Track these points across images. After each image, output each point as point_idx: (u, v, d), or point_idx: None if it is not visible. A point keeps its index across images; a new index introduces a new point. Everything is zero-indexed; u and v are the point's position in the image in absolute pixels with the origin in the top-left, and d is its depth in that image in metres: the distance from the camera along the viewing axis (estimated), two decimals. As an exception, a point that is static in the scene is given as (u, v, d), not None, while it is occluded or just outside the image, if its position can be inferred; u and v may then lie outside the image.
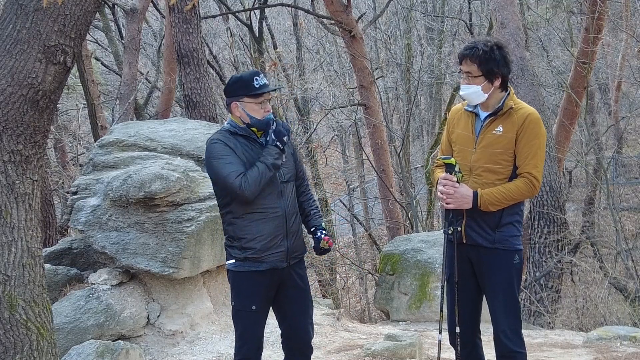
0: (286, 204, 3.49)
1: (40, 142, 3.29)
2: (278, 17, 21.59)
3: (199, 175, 5.70)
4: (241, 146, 3.45)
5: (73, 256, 5.98)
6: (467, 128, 3.53)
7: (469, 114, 3.55)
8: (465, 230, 3.49)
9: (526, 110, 3.44)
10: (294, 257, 3.55)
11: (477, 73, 3.41)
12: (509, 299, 3.48)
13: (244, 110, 3.46)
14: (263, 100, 3.46)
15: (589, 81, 12.91)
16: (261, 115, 3.46)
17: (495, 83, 3.44)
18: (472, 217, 3.46)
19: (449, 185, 3.45)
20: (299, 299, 3.60)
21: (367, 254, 16.90)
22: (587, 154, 12.86)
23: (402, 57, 16.79)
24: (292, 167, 3.58)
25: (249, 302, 3.51)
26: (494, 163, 3.42)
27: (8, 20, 3.14)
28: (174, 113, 16.05)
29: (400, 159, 14.51)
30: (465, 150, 3.50)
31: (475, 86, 3.43)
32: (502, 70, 3.43)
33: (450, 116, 3.71)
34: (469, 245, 3.50)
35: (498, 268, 3.46)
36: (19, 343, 3.18)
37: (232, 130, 3.49)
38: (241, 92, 3.45)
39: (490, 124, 3.46)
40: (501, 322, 3.46)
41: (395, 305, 7.24)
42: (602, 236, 12.66)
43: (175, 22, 8.92)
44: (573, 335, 6.30)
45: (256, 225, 3.44)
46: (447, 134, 3.68)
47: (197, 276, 5.68)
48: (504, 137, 3.41)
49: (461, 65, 3.48)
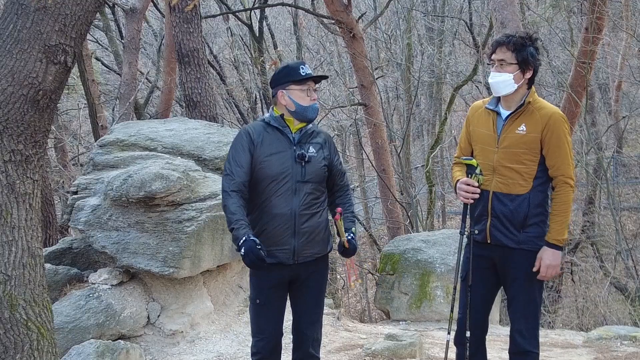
0: (298, 203, 3.44)
1: (41, 142, 3.29)
2: (278, 16, 21.58)
3: (199, 174, 5.70)
4: (270, 137, 3.47)
5: (73, 256, 5.98)
6: (488, 127, 3.49)
7: (490, 112, 3.51)
8: (490, 230, 3.46)
9: (549, 109, 3.42)
10: (304, 257, 3.50)
11: (512, 60, 3.38)
12: (531, 300, 3.46)
13: (290, 97, 3.48)
14: (309, 88, 3.49)
15: (589, 81, 12.91)
16: (307, 102, 3.49)
17: (526, 75, 3.41)
18: (497, 217, 3.43)
19: (470, 192, 3.44)
20: (306, 297, 3.58)
21: (367, 254, 16.90)
22: (587, 154, 12.85)
23: (403, 56, 16.77)
24: (318, 170, 3.51)
25: (254, 295, 3.54)
26: (518, 163, 3.38)
27: (9, 20, 3.14)
28: (174, 113, 16.05)
29: (401, 158, 14.51)
30: (488, 149, 3.45)
31: (506, 74, 3.39)
32: (535, 62, 3.42)
33: (470, 113, 3.65)
34: (494, 245, 3.46)
35: (522, 269, 3.43)
36: (19, 343, 3.18)
37: (267, 121, 3.54)
38: (287, 79, 3.49)
39: (513, 123, 3.42)
40: (519, 322, 3.46)
41: (395, 305, 7.24)
42: (602, 236, 12.67)
43: (176, 22, 8.91)
44: (573, 335, 6.30)
45: (265, 218, 3.45)
46: (467, 132, 3.63)
47: (198, 276, 5.68)
48: (528, 137, 3.37)
49: (494, 54, 3.44)
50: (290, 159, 3.44)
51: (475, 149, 3.56)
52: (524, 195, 3.40)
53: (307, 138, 3.54)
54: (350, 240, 3.54)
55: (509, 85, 3.40)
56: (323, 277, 3.65)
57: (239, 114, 16.61)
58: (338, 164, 3.65)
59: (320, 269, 3.62)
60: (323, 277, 3.65)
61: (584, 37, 11.39)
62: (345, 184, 3.70)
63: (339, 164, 3.67)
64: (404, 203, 13.75)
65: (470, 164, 3.48)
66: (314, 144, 3.54)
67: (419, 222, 13.59)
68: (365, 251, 17.53)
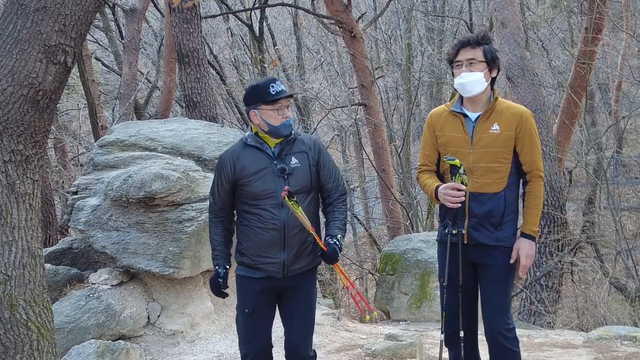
0: (287, 215, 3.39)
1: (41, 142, 3.29)
2: (278, 17, 21.58)
3: (200, 175, 5.70)
4: (249, 157, 3.46)
5: (73, 256, 5.98)
6: (457, 129, 3.48)
7: (456, 114, 3.50)
8: (468, 230, 3.46)
9: (518, 108, 3.49)
10: (294, 270, 3.46)
11: (481, 58, 3.41)
12: (507, 297, 3.50)
13: (262, 117, 3.44)
14: (280, 107, 3.43)
15: (589, 81, 12.90)
16: (279, 121, 3.43)
17: (492, 73, 3.46)
18: (476, 217, 3.44)
19: (457, 196, 3.41)
20: (295, 314, 3.53)
21: (367, 254, 16.90)
22: (587, 154, 12.83)
23: (403, 57, 16.76)
24: (305, 180, 3.46)
25: (242, 305, 3.52)
26: (494, 162, 3.41)
27: (9, 20, 3.14)
28: (174, 113, 16.06)
29: (401, 158, 14.50)
30: (462, 152, 3.45)
31: (477, 73, 3.40)
32: (498, 61, 3.49)
33: (432, 120, 3.60)
34: (472, 245, 3.47)
35: (500, 266, 3.46)
36: (20, 343, 3.18)
37: (244, 141, 3.53)
38: (258, 100, 3.44)
39: (484, 123, 3.44)
40: (498, 321, 3.45)
41: (395, 305, 7.24)
42: (602, 236, 12.66)
43: (176, 22, 8.92)
44: (573, 335, 6.30)
45: (253, 233, 3.43)
46: (431, 138, 3.58)
47: (198, 276, 5.68)
48: (503, 135, 3.41)
49: (459, 54, 3.44)
50: (272, 175, 3.40)
51: (445, 152, 3.53)
52: (500, 193, 3.43)
53: (289, 149, 3.49)
54: (330, 244, 3.43)
55: (480, 84, 3.41)
56: (313, 288, 3.59)
57: (239, 114, 16.60)
58: (327, 166, 3.55)
59: (310, 281, 3.57)
60: (313, 288, 3.59)
61: (584, 37, 11.39)
62: (334, 190, 3.56)
63: (330, 166, 3.56)
64: (404, 203, 13.74)
65: (453, 164, 3.46)
66: (296, 153, 3.48)
67: (419, 222, 13.58)
68: (365, 251, 17.54)
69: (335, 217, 3.54)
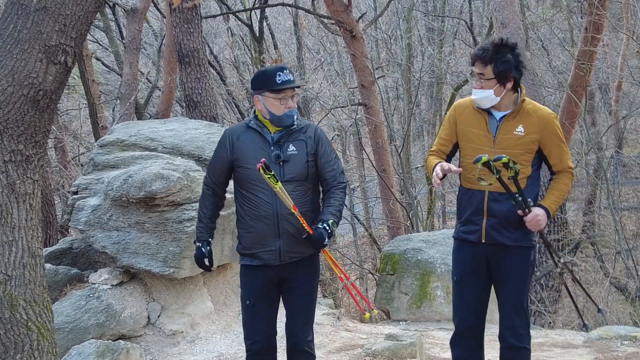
0: (281, 203, 3.38)
1: (41, 142, 3.30)
2: (278, 17, 21.56)
3: (200, 174, 5.70)
4: (249, 139, 3.47)
5: (73, 256, 5.98)
6: (481, 126, 3.47)
7: (481, 111, 3.49)
8: (486, 230, 3.46)
9: (544, 111, 3.50)
10: (290, 257, 3.46)
11: (490, 75, 3.38)
12: (524, 296, 3.51)
13: (265, 105, 3.44)
14: (284, 97, 3.42)
15: (589, 81, 12.90)
16: (281, 111, 3.43)
17: (507, 86, 3.42)
18: (495, 217, 3.44)
19: (440, 177, 3.39)
20: (294, 300, 3.55)
21: (367, 254, 16.90)
22: (587, 154, 12.85)
23: (403, 57, 16.75)
24: (300, 168, 3.45)
25: (244, 296, 3.56)
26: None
27: (9, 20, 3.14)
28: (174, 113, 16.04)
29: (401, 158, 14.51)
30: (482, 149, 3.42)
31: (488, 90, 3.40)
32: (514, 73, 3.42)
33: (457, 111, 3.60)
34: (488, 244, 3.47)
35: (517, 265, 3.46)
36: (20, 343, 3.18)
37: (247, 123, 3.54)
38: (263, 86, 3.44)
39: (509, 124, 3.43)
40: (513, 319, 3.46)
41: (395, 305, 7.24)
42: (602, 236, 12.67)
43: (176, 22, 8.91)
44: (573, 335, 6.30)
45: (249, 220, 3.46)
46: (452, 129, 3.58)
47: (198, 276, 5.68)
48: (527, 138, 3.41)
49: (473, 66, 3.44)
50: (268, 160, 3.37)
51: (465, 147, 3.54)
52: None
53: (288, 136, 3.48)
54: (318, 228, 3.38)
55: (491, 100, 3.43)
56: (313, 277, 3.59)
57: (239, 114, 16.60)
58: (326, 155, 3.51)
59: (309, 269, 3.56)
60: (313, 277, 3.59)
61: (584, 37, 11.39)
62: (331, 179, 3.52)
63: (329, 155, 3.53)
64: (405, 203, 13.75)
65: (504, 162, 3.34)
66: (296, 141, 3.47)
67: (419, 222, 13.59)
68: (365, 251, 17.53)
69: (330, 203, 3.52)
